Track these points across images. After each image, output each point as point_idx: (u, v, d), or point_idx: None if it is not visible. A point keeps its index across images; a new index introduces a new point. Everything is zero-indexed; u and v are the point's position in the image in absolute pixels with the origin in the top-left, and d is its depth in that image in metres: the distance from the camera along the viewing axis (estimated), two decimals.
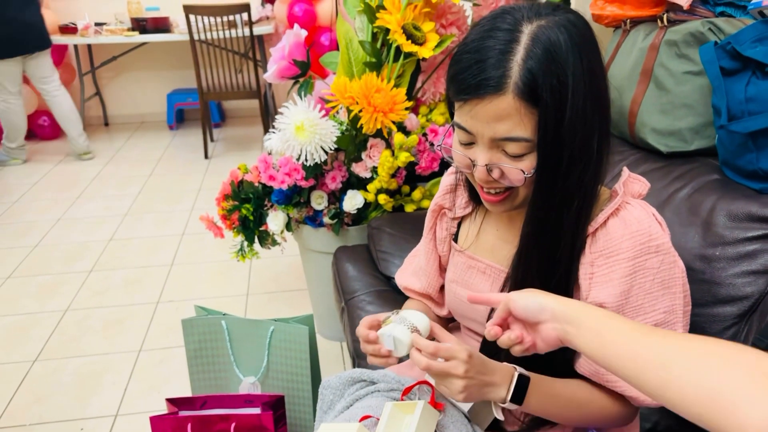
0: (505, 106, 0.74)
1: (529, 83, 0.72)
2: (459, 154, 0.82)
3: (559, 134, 0.74)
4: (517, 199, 0.83)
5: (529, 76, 0.72)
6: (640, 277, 0.79)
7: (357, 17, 1.75)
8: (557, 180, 0.78)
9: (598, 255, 0.81)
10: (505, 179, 0.79)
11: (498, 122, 0.75)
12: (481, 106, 0.75)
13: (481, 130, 0.77)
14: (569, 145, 0.75)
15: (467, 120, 0.78)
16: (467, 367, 0.77)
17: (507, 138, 0.76)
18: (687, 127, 1.21)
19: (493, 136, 0.76)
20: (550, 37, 0.73)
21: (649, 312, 0.80)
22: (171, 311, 2.31)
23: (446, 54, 1.83)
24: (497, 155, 0.78)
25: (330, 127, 1.62)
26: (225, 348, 1.54)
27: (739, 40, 1.05)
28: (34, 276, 2.60)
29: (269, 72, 1.82)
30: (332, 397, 1.06)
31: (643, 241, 0.79)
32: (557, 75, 0.72)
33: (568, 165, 0.77)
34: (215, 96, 3.98)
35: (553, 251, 0.82)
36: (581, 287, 0.83)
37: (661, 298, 0.80)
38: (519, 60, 0.72)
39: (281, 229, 1.82)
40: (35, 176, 3.81)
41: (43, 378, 1.96)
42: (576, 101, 0.74)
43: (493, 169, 0.79)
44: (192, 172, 3.85)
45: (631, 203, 0.83)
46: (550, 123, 0.74)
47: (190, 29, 3.72)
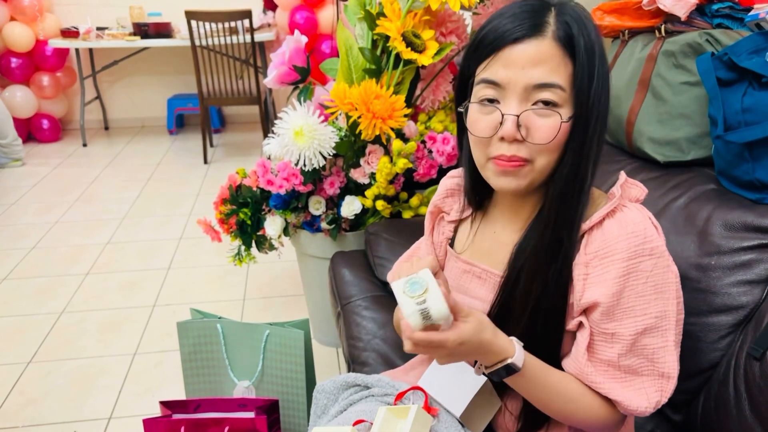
0: (544, 49, 0.75)
1: (566, 32, 0.76)
2: (483, 117, 0.80)
3: (590, 93, 0.77)
4: (533, 173, 0.80)
5: (566, 26, 0.76)
6: (632, 279, 0.79)
7: (357, 24, 1.76)
8: (584, 147, 0.79)
9: (593, 256, 0.81)
10: (531, 137, 0.77)
11: (535, 66, 0.76)
12: (519, 50, 0.76)
13: (514, 77, 0.76)
14: (596, 109, 0.78)
15: (498, 70, 0.77)
16: (450, 351, 0.76)
17: (544, 83, 0.76)
18: (684, 137, 1.21)
19: (528, 82, 0.76)
20: (577, 11, 0.78)
21: (640, 316, 0.79)
22: (167, 315, 2.31)
23: (445, 62, 1.84)
24: (527, 108, 0.77)
25: (329, 132, 1.63)
26: (220, 351, 1.54)
27: (736, 52, 1.06)
28: (30, 278, 2.60)
29: (269, 77, 1.83)
30: (326, 402, 1.06)
31: (638, 242, 0.79)
32: (588, 38, 0.77)
33: (593, 132, 0.78)
34: (215, 101, 3.99)
35: (551, 246, 0.82)
36: (575, 288, 0.82)
37: (653, 302, 0.79)
38: (554, 15, 0.77)
39: (279, 234, 1.82)
40: (33, 178, 3.81)
41: (38, 380, 1.95)
42: (601, 72, 0.77)
43: (522, 126, 0.77)
44: (191, 177, 3.85)
45: (628, 206, 0.83)
46: (584, 78, 0.76)
47: (191, 35, 3.73)
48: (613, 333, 0.80)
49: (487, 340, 0.77)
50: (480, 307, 0.91)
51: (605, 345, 0.81)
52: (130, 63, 4.79)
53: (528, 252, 0.84)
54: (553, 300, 0.83)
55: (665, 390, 0.81)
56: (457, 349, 0.75)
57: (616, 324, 0.79)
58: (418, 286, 0.74)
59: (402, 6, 1.62)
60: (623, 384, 0.81)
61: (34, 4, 4.21)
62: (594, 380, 0.81)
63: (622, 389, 0.81)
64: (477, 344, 0.76)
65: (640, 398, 0.80)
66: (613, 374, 0.81)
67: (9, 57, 4.28)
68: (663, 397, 0.81)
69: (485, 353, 0.78)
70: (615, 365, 0.80)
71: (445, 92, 1.86)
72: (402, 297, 0.74)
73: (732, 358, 0.96)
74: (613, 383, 0.81)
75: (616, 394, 0.80)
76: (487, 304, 0.90)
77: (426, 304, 0.72)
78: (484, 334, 0.76)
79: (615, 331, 0.79)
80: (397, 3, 1.64)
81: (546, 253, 0.82)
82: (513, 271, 0.86)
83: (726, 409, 0.94)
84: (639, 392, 0.81)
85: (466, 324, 0.75)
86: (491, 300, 0.89)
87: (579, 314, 0.83)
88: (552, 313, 0.84)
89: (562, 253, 0.82)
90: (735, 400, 0.93)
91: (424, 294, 0.73)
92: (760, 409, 0.88)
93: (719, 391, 0.96)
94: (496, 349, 0.78)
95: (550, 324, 0.84)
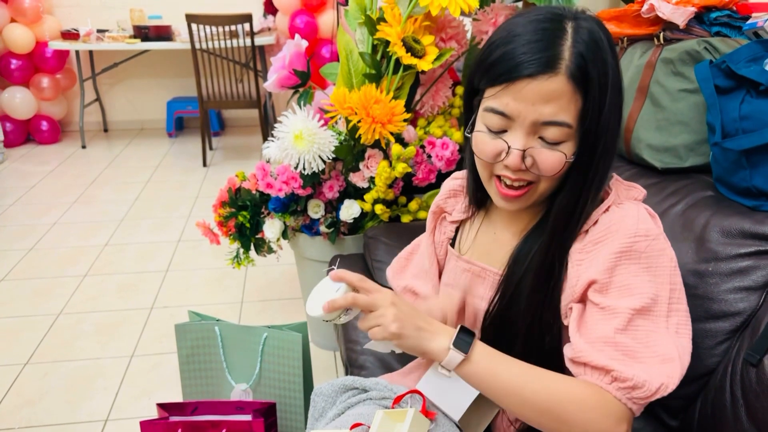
0: (556, 87, 0.74)
1: (580, 67, 0.74)
2: (489, 142, 0.80)
3: (599, 124, 0.76)
4: (535, 195, 0.82)
5: (580, 59, 0.74)
6: (626, 258, 0.78)
7: (357, 29, 1.76)
8: (588, 172, 0.79)
9: (587, 242, 0.82)
10: (536, 168, 0.78)
11: (545, 104, 0.74)
12: (531, 86, 0.74)
13: (524, 112, 0.75)
14: (603, 137, 0.77)
15: (509, 102, 0.76)
16: (394, 299, 0.80)
17: (551, 122, 0.75)
18: (682, 144, 1.22)
19: (536, 119, 0.75)
20: (592, 30, 0.76)
21: (636, 294, 0.76)
22: (165, 317, 2.30)
23: (445, 67, 1.84)
24: (532, 142, 0.77)
25: (328, 136, 1.63)
26: (218, 354, 1.54)
27: (734, 59, 1.07)
28: (28, 279, 2.59)
29: (269, 81, 1.83)
30: (324, 405, 1.06)
31: (631, 224, 0.79)
32: (602, 64, 0.75)
33: (599, 158, 0.78)
34: (215, 105, 3.99)
35: (548, 257, 0.83)
36: (570, 276, 0.82)
37: (647, 284, 0.77)
38: (569, 44, 0.74)
39: (277, 237, 1.82)
40: (32, 180, 3.81)
41: (34, 381, 1.94)
42: (612, 96, 0.77)
43: (527, 157, 0.78)
44: (190, 179, 3.85)
45: (624, 203, 0.84)
46: (594, 111, 0.75)
47: (191, 38, 3.74)
48: (609, 306, 0.77)
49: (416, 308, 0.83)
50: (480, 305, 0.93)
51: (601, 320, 0.77)
52: (130, 65, 4.80)
53: (527, 258, 0.85)
54: (549, 298, 0.84)
55: (672, 375, 0.73)
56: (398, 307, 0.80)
57: (612, 300, 0.77)
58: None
59: (402, 11, 1.63)
60: (621, 362, 0.74)
61: (35, 6, 4.22)
62: (587, 358, 0.75)
63: (618, 364, 0.74)
64: (408, 304, 0.82)
65: (639, 371, 0.72)
66: (610, 354, 0.74)
67: (9, 58, 4.28)
68: (670, 382, 0.72)
69: (427, 320, 0.81)
70: (612, 342, 0.74)
71: (444, 97, 1.86)
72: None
73: (729, 364, 0.97)
74: (610, 361, 0.74)
75: (612, 365, 0.73)
76: (487, 302, 0.91)
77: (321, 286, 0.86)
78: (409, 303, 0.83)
79: (610, 305, 0.77)
80: (397, 8, 1.64)
81: (545, 261, 0.83)
82: (512, 272, 0.87)
83: (723, 415, 0.94)
84: (637, 367, 0.73)
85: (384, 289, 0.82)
86: (490, 298, 0.91)
87: (575, 300, 0.82)
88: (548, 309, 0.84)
89: (557, 261, 0.82)
90: (732, 406, 0.93)
91: None
92: (756, 415, 0.88)
93: (716, 397, 0.97)
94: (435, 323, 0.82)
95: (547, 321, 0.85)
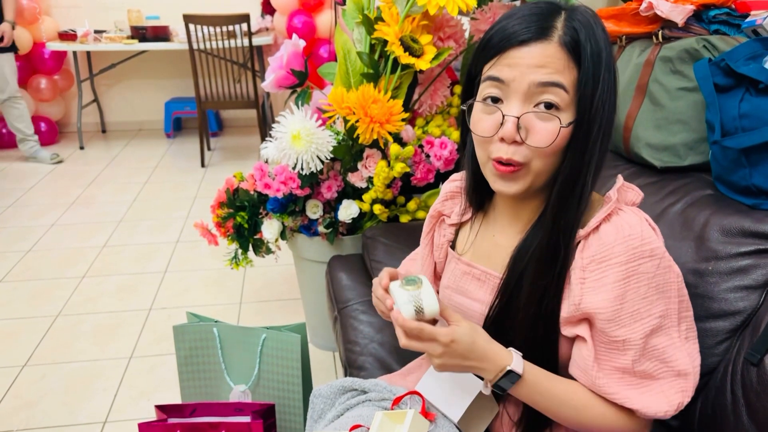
0: (550, 53, 0.76)
1: (573, 37, 0.76)
2: (486, 117, 0.80)
3: (594, 98, 0.77)
4: (530, 175, 0.81)
5: (573, 32, 0.76)
6: (634, 282, 0.78)
7: (355, 28, 1.76)
8: (585, 153, 0.79)
9: (590, 260, 0.81)
10: (531, 139, 0.78)
11: (540, 68, 0.76)
12: (525, 51, 0.77)
13: (519, 77, 0.77)
14: (599, 116, 0.77)
15: (503, 69, 0.78)
16: (443, 350, 0.79)
17: (546, 82, 0.76)
18: (681, 143, 1.22)
19: (533, 80, 0.76)
20: (587, 17, 0.78)
21: (646, 317, 0.79)
22: (163, 318, 2.30)
23: (443, 67, 1.84)
24: (528, 110, 0.78)
25: (326, 136, 1.63)
26: (216, 355, 1.53)
27: (733, 58, 1.07)
28: (26, 281, 2.59)
29: (267, 81, 1.83)
30: (323, 406, 1.05)
31: (636, 245, 0.78)
32: (595, 42, 0.77)
33: (594, 139, 0.78)
34: (213, 105, 3.99)
35: (550, 251, 0.82)
36: (573, 292, 0.82)
37: (656, 302, 0.79)
38: (562, 20, 0.77)
39: (276, 238, 1.82)
40: (30, 181, 3.80)
41: (33, 383, 1.94)
42: (607, 76, 0.77)
43: (522, 128, 0.78)
44: (188, 180, 3.85)
45: (623, 209, 0.83)
46: (588, 84, 0.76)
47: (189, 38, 3.73)
48: (624, 340, 0.79)
49: (480, 344, 0.80)
50: (479, 308, 0.92)
51: (617, 353, 0.80)
52: (128, 66, 4.79)
53: (527, 256, 0.85)
54: (549, 303, 0.83)
55: (686, 389, 0.80)
56: (449, 348, 0.78)
57: (626, 330, 0.78)
58: (413, 283, 0.81)
59: (400, 10, 1.63)
60: (641, 390, 0.80)
61: (32, 7, 4.21)
62: (609, 391, 0.80)
63: (640, 395, 0.80)
64: (469, 345, 0.79)
65: (659, 402, 0.79)
66: (629, 381, 0.80)
67: None
68: (685, 398, 0.80)
69: (480, 358, 0.80)
70: (630, 371, 0.80)
71: (442, 97, 1.86)
72: (396, 289, 0.82)
73: (729, 364, 0.96)
74: (630, 390, 0.80)
75: (633, 402, 0.79)
76: (486, 305, 0.90)
77: (419, 296, 0.79)
78: (477, 338, 0.80)
79: (625, 338, 0.79)
80: (395, 7, 1.64)
81: (545, 258, 0.82)
82: (512, 274, 0.86)
83: (723, 415, 0.94)
84: (658, 396, 0.80)
85: (458, 326, 0.80)
86: (490, 302, 0.90)
87: (578, 321, 0.83)
88: (548, 315, 0.84)
89: (560, 258, 0.82)
90: (732, 406, 0.93)
91: (418, 288, 0.80)
92: (757, 414, 0.88)
93: (717, 397, 0.96)
94: (491, 355, 0.80)
95: (546, 326, 0.84)
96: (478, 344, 0.80)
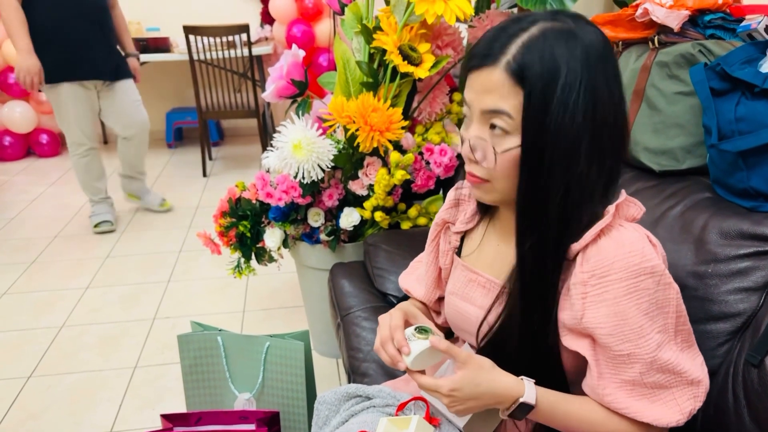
0: (494, 78, 0.78)
1: (519, 62, 0.77)
2: (462, 132, 0.87)
3: (542, 122, 0.77)
4: (494, 193, 0.85)
5: (521, 57, 0.77)
6: (636, 299, 0.78)
7: (354, 38, 1.77)
8: (540, 177, 0.79)
9: (590, 275, 0.80)
10: (483, 160, 0.82)
11: (486, 93, 0.80)
12: (475, 76, 0.81)
13: (472, 100, 0.82)
14: (552, 140, 0.77)
15: (466, 92, 0.83)
16: (450, 400, 0.82)
17: (492, 110, 0.79)
18: (679, 147, 1.23)
19: (481, 107, 0.81)
20: (555, 35, 0.77)
21: (650, 333, 0.79)
22: (167, 328, 2.31)
23: (442, 74, 1.85)
24: (485, 133, 0.82)
25: (327, 145, 1.64)
26: (220, 364, 1.54)
27: (729, 62, 1.08)
28: (30, 292, 2.60)
29: (267, 91, 1.84)
30: (327, 413, 1.06)
31: (637, 261, 0.78)
32: (549, 65, 0.76)
33: (550, 163, 0.78)
34: (214, 115, 4.01)
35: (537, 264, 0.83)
36: (575, 306, 0.81)
37: (656, 318, 0.79)
38: (519, 43, 0.78)
39: (278, 246, 1.83)
40: (33, 193, 3.82)
41: (38, 394, 1.95)
42: (565, 99, 0.76)
43: (477, 150, 0.82)
44: (190, 190, 3.86)
45: (624, 225, 0.82)
46: (534, 109, 0.77)
47: (189, 49, 3.75)
48: (629, 354, 0.79)
49: (485, 384, 0.82)
50: (482, 315, 0.92)
51: (624, 366, 0.80)
52: None
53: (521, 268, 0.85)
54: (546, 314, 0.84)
55: (698, 395, 0.81)
56: (455, 397, 0.81)
57: (630, 345, 0.79)
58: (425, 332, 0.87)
59: (398, 20, 1.64)
60: (652, 400, 0.80)
61: None
62: (620, 406, 0.81)
63: (651, 406, 0.80)
64: (473, 388, 0.82)
65: (672, 411, 0.80)
66: (641, 392, 0.80)
67: (8, 72, 4.29)
68: (697, 403, 0.81)
69: (491, 396, 0.82)
70: (640, 383, 0.80)
71: (441, 104, 1.87)
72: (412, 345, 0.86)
73: (730, 366, 0.97)
74: (641, 402, 0.80)
75: (645, 415, 0.80)
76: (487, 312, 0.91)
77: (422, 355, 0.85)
78: (481, 379, 0.82)
79: (630, 352, 0.79)
80: (393, 17, 1.65)
81: (533, 271, 0.83)
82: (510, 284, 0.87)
83: (725, 417, 0.94)
84: (669, 404, 0.80)
85: (458, 373, 0.82)
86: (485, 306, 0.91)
87: (580, 335, 0.83)
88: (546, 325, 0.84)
89: (548, 272, 0.83)
90: (734, 408, 0.93)
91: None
92: (759, 415, 0.88)
93: (718, 399, 0.97)
94: (500, 391, 0.82)
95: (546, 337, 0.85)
96: (483, 386, 0.82)
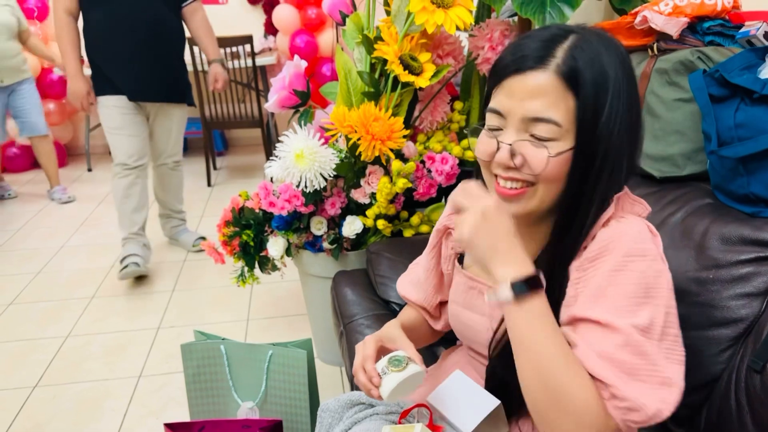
0: (543, 82, 0.75)
1: (571, 66, 0.75)
2: (486, 141, 0.82)
3: (595, 129, 0.75)
4: (534, 200, 0.80)
5: (572, 60, 0.75)
6: (621, 276, 0.75)
7: (356, 48, 1.79)
8: (585, 183, 0.77)
9: (584, 259, 0.80)
10: (526, 167, 0.78)
11: (532, 99, 0.76)
12: (518, 81, 0.77)
13: (514, 108, 0.78)
14: (604, 147, 0.76)
15: (501, 99, 0.79)
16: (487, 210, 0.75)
17: (538, 118, 0.76)
18: (679, 153, 1.23)
19: (524, 114, 0.77)
20: (597, 41, 0.77)
21: (634, 313, 0.73)
22: (171, 337, 2.31)
23: (443, 83, 1.86)
24: (524, 140, 0.78)
25: (329, 154, 1.65)
26: (224, 373, 1.54)
27: (728, 68, 1.08)
28: (36, 302, 2.61)
29: (270, 102, 1.86)
30: (330, 421, 1.06)
31: (629, 241, 0.77)
32: (599, 72, 0.75)
33: (599, 170, 0.77)
34: (218, 125, 4.03)
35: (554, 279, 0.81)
36: (567, 294, 0.80)
37: (644, 305, 0.74)
38: (565, 47, 0.76)
39: (281, 255, 1.84)
40: (39, 204, 3.84)
41: (43, 404, 1.95)
42: (614, 106, 0.76)
43: (517, 154, 0.78)
44: (195, 199, 3.88)
45: (626, 217, 0.82)
46: (588, 114, 0.75)
47: (193, 60, 3.78)
48: (606, 324, 0.73)
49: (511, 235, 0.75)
50: (486, 323, 0.92)
51: (600, 335, 0.74)
52: None
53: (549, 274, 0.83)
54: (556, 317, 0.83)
55: (667, 400, 0.71)
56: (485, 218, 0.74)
57: (608, 315, 0.73)
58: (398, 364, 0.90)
59: (399, 30, 1.66)
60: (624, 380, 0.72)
61: (40, 33, 4.28)
62: (589, 365, 0.73)
63: (622, 375, 0.72)
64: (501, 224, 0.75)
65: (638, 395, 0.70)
66: (611, 369, 0.72)
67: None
68: (665, 406, 0.71)
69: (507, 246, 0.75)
70: (611, 358, 0.72)
71: (443, 113, 1.88)
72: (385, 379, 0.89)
73: (733, 372, 0.97)
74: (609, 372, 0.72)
75: (612, 381, 0.71)
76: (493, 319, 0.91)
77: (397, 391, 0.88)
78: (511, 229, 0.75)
79: (607, 322, 0.73)
80: (394, 27, 1.67)
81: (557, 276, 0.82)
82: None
83: (728, 423, 0.94)
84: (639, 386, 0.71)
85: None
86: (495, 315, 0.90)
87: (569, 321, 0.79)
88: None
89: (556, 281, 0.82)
90: (737, 414, 0.93)
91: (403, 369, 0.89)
92: (761, 421, 0.88)
93: (721, 405, 0.96)
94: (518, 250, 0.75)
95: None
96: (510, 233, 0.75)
